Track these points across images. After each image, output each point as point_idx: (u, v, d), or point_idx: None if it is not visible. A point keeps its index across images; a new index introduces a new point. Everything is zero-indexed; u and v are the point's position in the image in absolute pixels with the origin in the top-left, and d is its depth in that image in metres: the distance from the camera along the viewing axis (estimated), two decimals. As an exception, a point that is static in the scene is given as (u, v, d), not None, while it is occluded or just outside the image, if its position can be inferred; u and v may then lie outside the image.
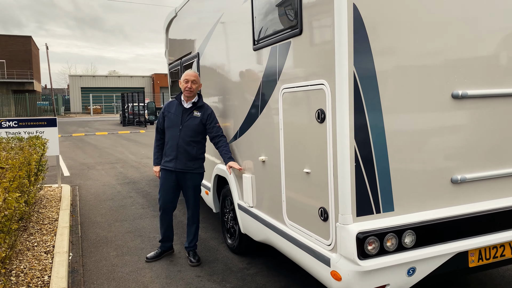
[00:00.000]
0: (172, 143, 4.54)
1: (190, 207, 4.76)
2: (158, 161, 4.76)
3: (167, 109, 4.65)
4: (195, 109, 4.57)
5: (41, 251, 4.93)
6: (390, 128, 2.80)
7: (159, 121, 4.72)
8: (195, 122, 4.52)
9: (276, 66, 3.46)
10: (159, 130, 4.73)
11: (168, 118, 4.60)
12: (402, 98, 2.83)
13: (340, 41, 2.62)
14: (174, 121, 4.55)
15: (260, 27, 3.72)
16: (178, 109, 4.58)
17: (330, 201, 2.83)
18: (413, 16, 2.81)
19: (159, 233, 4.96)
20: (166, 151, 4.63)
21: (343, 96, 2.65)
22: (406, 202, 2.89)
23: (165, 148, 4.64)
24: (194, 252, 4.79)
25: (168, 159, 4.58)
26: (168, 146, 4.59)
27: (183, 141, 4.49)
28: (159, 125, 4.72)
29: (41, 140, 7.24)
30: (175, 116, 4.55)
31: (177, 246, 5.17)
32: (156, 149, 4.79)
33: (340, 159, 2.70)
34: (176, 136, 4.51)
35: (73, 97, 54.01)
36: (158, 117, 4.74)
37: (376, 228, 2.72)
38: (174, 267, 4.61)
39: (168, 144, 4.59)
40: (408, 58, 2.82)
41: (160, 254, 4.84)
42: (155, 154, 4.79)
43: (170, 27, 7.29)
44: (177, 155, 4.52)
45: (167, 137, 4.60)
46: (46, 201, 7.33)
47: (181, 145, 4.49)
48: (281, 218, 3.56)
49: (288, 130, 3.34)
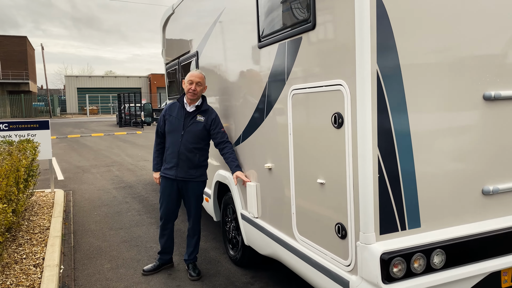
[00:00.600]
0: (173, 149, 4.21)
1: (191, 217, 4.43)
2: (158, 167, 4.43)
3: (168, 112, 4.30)
4: (199, 113, 4.22)
5: (30, 264, 4.59)
6: (416, 134, 2.49)
7: (159, 124, 4.38)
8: (198, 127, 4.18)
9: (284, 65, 3.14)
10: (159, 134, 4.39)
11: (169, 121, 4.26)
12: (429, 101, 2.51)
13: (362, 36, 2.30)
14: (175, 126, 4.21)
15: (265, 22, 3.40)
16: (180, 112, 4.23)
17: (349, 216, 2.52)
18: (442, 8, 2.49)
19: (158, 244, 4.64)
20: (166, 157, 4.30)
21: (365, 98, 2.33)
22: (433, 217, 2.58)
23: (166, 154, 4.31)
24: (194, 265, 4.46)
25: (169, 167, 4.25)
26: (168, 152, 4.26)
27: (185, 148, 4.16)
28: (159, 129, 4.37)
29: (32, 143, 6.90)
30: (177, 120, 4.21)
31: (175, 257, 4.84)
32: (156, 153, 4.45)
33: (361, 170, 2.38)
34: (177, 142, 4.18)
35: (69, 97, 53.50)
36: (159, 120, 4.40)
37: (402, 248, 2.40)
38: (173, 281, 4.28)
39: (168, 150, 4.26)
40: (436, 56, 2.51)
41: (158, 267, 4.51)
42: (155, 160, 4.45)
43: (167, 25, 6.96)
44: (178, 163, 4.19)
45: (168, 143, 4.27)
46: (37, 207, 6.99)
47: (182, 152, 4.16)
48: (291, 232, 3.24)
49: (299, 135, 3.02)
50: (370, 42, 2.30)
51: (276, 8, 3.21)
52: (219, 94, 4.69)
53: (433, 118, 2.53)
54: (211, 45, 4.82)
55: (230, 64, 4.29)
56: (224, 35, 4.41)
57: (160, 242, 4.54)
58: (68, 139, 20.30)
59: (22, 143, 6.52)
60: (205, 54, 5.05)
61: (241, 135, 4.10)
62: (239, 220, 4.26)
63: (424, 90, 2.49)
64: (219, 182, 4.82)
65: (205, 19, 4.96)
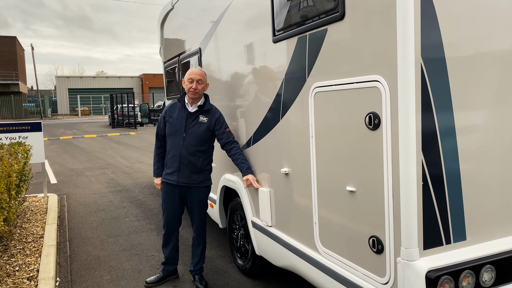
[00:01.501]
0: (174, 153, 3.90)
1: (196, 225, 4.12)
2: (159, 172, 4.12)
3: (169, 113, 3.99)
4: (201, 113, 3.92)
5: (24, 277, 4.26)
6: (462, 135, 2.22)
7: (159, 127, 4.08)
8: (201, 129, 3.88)
9: (305, 60, 2.85)
10: (159, 137, 4.09)
11: (170, 123, 3.95)
12: (477, 99, 2.25)
13: (405, 26, 2.02)
14: (176, 128, 3.90)
15: (282, 14, 3.11)
16: (182, 113, 3.93)
17: (387, 229, 2.24)
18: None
19: (160, 252, 4.33)
20: (167, 161, 3.99)
21: (408, 95, 2.05)
22: (480, 228, 2.31)
23: (167, 158, 4.00)
24: (201, 276, 4.16)
25: (170, 172, 3.95)
26: (169, 156, 3.95)
27: (187, 151, 3.86)
28: (159, 131, 4.07)
29: (24, 146, 6.55)
30: (178, 122, 3.91)
31: (180, 267, 4.54)
32: (156, 158, 4.14)
33: (403, 177, 2.10)
34: (178, 145, 3.87)
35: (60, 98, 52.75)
36: (158, 122, 4.11)
37: (449, 264, 2.13)
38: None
39: (169, 154, 3.95)
40: (483, 47, 2.24)
41: (162, 279, 4.21)
42: (155, 164, 4.14)
43: (166, 22, 6.64)
44: (179, 167, 3.89)
45: (169, 146, 3.97)
46: (30, 213, 6.64)
47: (184, 155, 3.86)
48: (312, 244, 2.96)
49: (323, 138, 2.73)
50: (414, 32, 2.02)
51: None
52: (226, 93, 4.40)
53: (480, 117, 2.27)
54: (216, 41, 4.52)
55: (239, 60, 4.00)
56: (232, 29, 4.11)
57: (163, 252, 4.23)
58: (60, 141, 19.86)
59: (13, 146, 6.17)
60: (209, 51, 4.75)
61: (252, 137, 3.81)
62: (250, 228, 3.97)
63: (471, 85, 2.22)
64: (226, 187, 4.53)
65: (209, 13, 4.66)
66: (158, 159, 4.12)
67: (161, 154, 4.11)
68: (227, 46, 4.26)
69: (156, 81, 52.11)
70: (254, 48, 3.66)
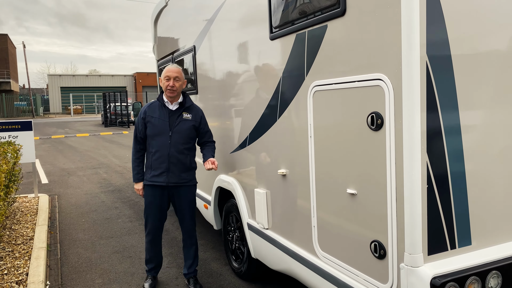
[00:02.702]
0: (161, 153, 3.77)
1: (188, 226, 4.00)
2: (140, 177, 3.92)
3: (149, 114, 3.83)
4: (184, 110, 3.86)
5: (12, 280, 4.14)
6: (468, 136, 2.14)
7: (138, 129, 3.88)
8: (187, 126, 3.82)
9: (303, 57, 2.76)
10: (138, 140, 3.89)
11: (151, 124, 3.80)
12: (483, 98, 2.17)
13: (410, 22, 1.93)
14: (160, 127, 3.77)
15: (279, 10, 3.02)
16: (163, 112, 3.81)
17: (389, 233, 2.15)
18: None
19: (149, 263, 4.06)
20: (152, 163, 3.82)
21: (413, 95, 1.96)
22: (485, 233, 2.23)
23: (151, 160, 3.83)
24: (195, 279, 4.05)
25: (157, 173, 3.80)
26: (155, 158, 3.79)
27: (176, 150, 3.76)
28: (138, 134, 3.87)
29: (14, 146, 6.40)
30: (161, 121, 3.78)
31: (173, 269, 4.44)
32: (136, 162, 3.92)
33: (407, 180, 2.02)
34: (166, 144, 3.75)
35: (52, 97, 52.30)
36: (136, 124, 3.91)
37: (455, 270, 2.05)
38: (173, 299, 3.89)
39: (155, 155, 3.79)
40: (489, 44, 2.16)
41: (156, 281, 4.11)
42: (135, 169, 3.91)
43: (160, 19, 6.52)
44: (169, 167, 3.77)
45: (153, 147, 3.80)
46: (20, 214, 6.50)
47: (173, 154, 3.76)
48: (311, 248, 2.87)
49: (322, 138, 2.64)
50: (419, 29, 1.94)
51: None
52: (221, 92, 4.29)
53: (486, 116, 2.19)
54: (211, 39, 4.41)
55: (234, 58, 3.90)
56: (227, 26, 4.01)
57: (150, 259, 4.06)
58: (52, 140, 19.62)
59: (3, 146, 6.03)
60: (204, 49, 4.65)
61: (248, 137, 3.72)
62: (245, 231, 3.87)
63: (477, 83, 2.14)
64: (221, 188, 4.43)
65: (204, 10, 4.55)
66: (138, 163, 3.93)
67: (141, 158, 3.94)
68: (222, 43, 4.16)
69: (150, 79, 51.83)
70: (250, 45, 3.56)
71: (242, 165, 3.90)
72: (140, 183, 3.92)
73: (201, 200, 5.05)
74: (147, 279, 4.06)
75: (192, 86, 5.14)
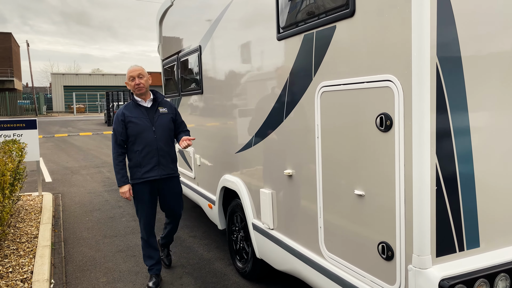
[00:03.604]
0: (149, 149, 3.89)
1: (176, 216, 4.34)
2: (126, 180, 3.91)
3: (128, 114, 3.90)
4: (159, 105, 4.06)
5: (17, 278, 4.15)
6: (477, 138, 2.13)
7: (118, 132, 3.88)
8: (167, 119, 4.06)
9: (311, 58, 2.76)
10: (119, 143, 3.91)
11: (133, 123, 3.87)
12: (493, 99, 2.16)
13: (421, 23, 1.93)
14: (142, 125, 3.89)
15: (287, 10, 3.02)
16: (140, 110, 3.95)
17: (397, 235, 2.15)
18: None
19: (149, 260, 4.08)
20: (141, 161, 3.90)
21: (423, 96, 1.96)
22: (494, 235, 2.23)
23: (138, 158, 3.90)
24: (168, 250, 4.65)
25: (149, 168, 3.91)
26: (143, 154, 3.89)
27: (162, 143, 3.97)
28: (119, 137, 3.89)
29: (19, 144, 6.42)
30: (141, 120, 3.90)
31: (177, 269, 4.44)
32: (120, 166, 3.91)
33: (416, 181, 2.01)
34: (152, 140, 3.90)
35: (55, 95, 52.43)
36: (116, 128, 3.91)
37: (463, 272, 2.04)
38: (177, 298, 3.89)
39: (143, 152, 3.89)
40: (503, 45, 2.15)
41: (160, 279, 4.15)
42: (120, 173, 3.89)
43: (165, 19, 6.53)
44: (159, 161, 3.95)
45: (140, 145, 3.88)
46: (24, 213, 6.52)
47: (161, 147, 3.95)
48: (317, 248, 2.87)
49: (329, 139, 2.64)
50: (430, 30, 1.93)
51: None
52: (226, 91, 4.29)
53: (495, 118, 2.18)
54: (217, 39, 4.41)
55: (240, 58, 3.90)
56: (233, 26, 4.01)
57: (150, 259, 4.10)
58: (55, 139, 19.67)
59: (8, 144, 6.05)
60: (210, 49, 4.65)
61: (254, 137, 3.71)
62: (250, 231, 3.87)
63: (487, 85, 2.14)
64: (225, 187, 4.43)
65: (210, 10, 4.55)
66: (122, 167, 3.92)
67: (123, 161, 3.94)
68: (228, 43, 4.16)
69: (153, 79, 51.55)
70: (257, 45, 3.56)
71: (247, 165, 3.90)
72: (126, 185, 3.91)
73: (205, 199, 5.06)
74: (151, 278, 4.06)
75: (197, 86, 5.14)
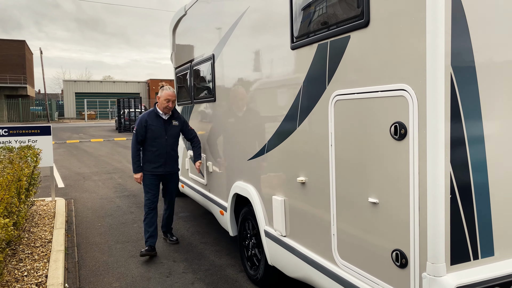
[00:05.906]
0: (160, 151, 5.17)
1: (171, 203, 5.55)
2: (140, 169, 5.18)
3: (150, 122, 5.13)
4: (173, 119, 5.29)
5: (32, 282, 4.21)
6: (491, 146, 2.15)
7: (140, 133, 5.11)
8: (176, 130, 5.32)
9: (325, 67, 2.80)
10: (139, 141, 5.14)
11: (151, 130, 5.12)
12: (507, 108, 2.18)
13: (435, 33, 1.96)
14: (158, 133, 5.15)
15: (301, 20, 3.06)
16: (159, 121, 5.18)
17: (412, 243, 2.16)
18: (520, 2, 2.17)
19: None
20: (152, 158, 5.16)
21: (437, 105, 1.98)
22: (508, 243, 2.23)
23: (150, 156, 5.16)
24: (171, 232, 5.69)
25: (156, 166, 5.19)
26: (156, 154, 5.16)
27: (170, 148, 5.25)
28: (139, 137, 5.12)
29: (34, 150, 6.52)
30: (158, 128, 5.14)
31: (189, 275, 4.47)
32: (137, 158, 5.18)
33: (430, 189, 2.03)
34: (163, 145, 5.17)
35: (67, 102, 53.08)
36: (138, 130, 5.10)
37: (478, 281, 2.05)
38: (189, 304, 3.91)
39: (156, 153, 5.16)
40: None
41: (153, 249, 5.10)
42: (136, 163, 5.17)
43: (178, 27, 6.62)
44: (166, 161, 5.22)
45: (154, 147, 5.14)
46: (38, 217, 6.60)
47: (168, 152, 5.23)
48: (330, 256, 2.88)
49: (343, 147, 2.67)
50: (444, 40, 1.96)
51: (315, 3, 2.87)
52: (239, 100, 4.34)
53: (509, 126, 2.20)
54: (231, 48, 4.48)
55: (254, 67, 3.95)
56: (247, 36, 4.07)
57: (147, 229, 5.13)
58: (67, 145, 19.89)
59: (23, 150, 6.15)
60: (223, 57, 4.71)
61: (266, 144, 3.75)
62: (262, 238, 3.90)
63: (501, 93, 2.16)
64: (237, 194, 4.46)
65: (223, 20, 4.62)
66: (138, 159, 5.19)
67: (140, 155, 5.19)
68: (241, 52, 4.21)
69: (163, 86, 52.07)
70: (270, 54, 3.61)
71: (260, 172, 3.93)
72: (139, 173, 5.18)
73: (217, 206, 5.10)
74: (146, 247, 5.09)
75: (210, 94, 5.21)
